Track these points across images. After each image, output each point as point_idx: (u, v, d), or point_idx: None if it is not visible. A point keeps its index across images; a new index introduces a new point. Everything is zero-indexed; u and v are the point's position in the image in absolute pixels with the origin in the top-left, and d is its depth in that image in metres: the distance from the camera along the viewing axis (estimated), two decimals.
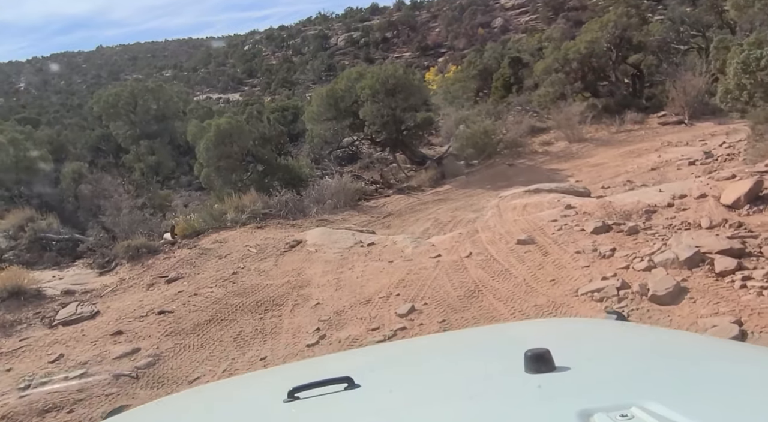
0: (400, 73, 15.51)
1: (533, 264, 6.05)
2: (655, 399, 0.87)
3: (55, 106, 59.67)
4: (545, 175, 14.59)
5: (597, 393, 1.00)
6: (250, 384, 1.82)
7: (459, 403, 1.06)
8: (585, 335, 1.62)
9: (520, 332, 1.92)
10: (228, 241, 8.77)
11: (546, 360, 1.09)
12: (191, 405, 1.64)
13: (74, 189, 14.67)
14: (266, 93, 55.22)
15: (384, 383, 1.33)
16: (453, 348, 1.73)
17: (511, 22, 67.67)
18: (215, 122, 12.75)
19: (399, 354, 1.84)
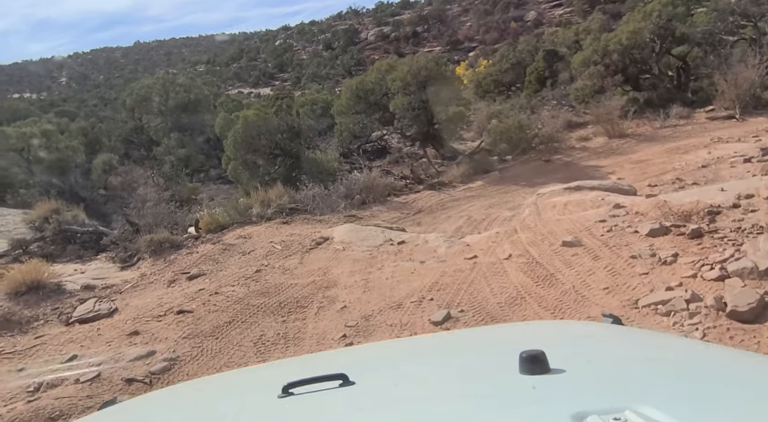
0: (432, 64, 14.90)
1: (582, 269, 5.43)
2: (649, 403, 0.86)
3: (93, 99, 61.04)
4: (584, 172, 13.78)
5: (591, 395, 0.99)
6: (245, 379, 1.82)
7: (453, 403, 1.05)
8: (581, 338, 1.60)
9: (515, 333, 1.91)
10: (252, 237, 8.39)
11: (541, 361, 1.08)
12: (184, 399, 1.62)
13: (104, 181, 14.60)
14: (296, 87, 55.19)
15: (379, 381, 1.32)
16: (448, 347, 1.72)
17: (544, 15, 65.94)
18: (243, 114, 12.41)
19: (394, 352, 1.83)
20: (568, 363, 1.12)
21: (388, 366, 1.53)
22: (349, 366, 1.28)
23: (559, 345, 1.46)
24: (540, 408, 0.96)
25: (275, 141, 13.16)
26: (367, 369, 1.46)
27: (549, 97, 23.48)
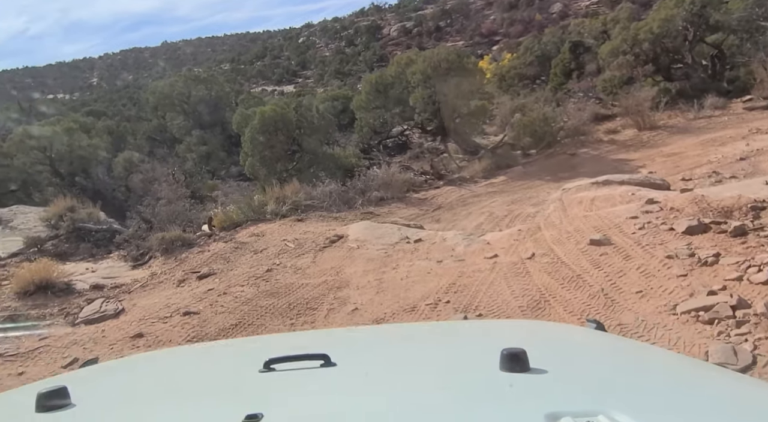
0: (453, 57, 14.43)
1: (612, 270, 4.97)
2: (623, 410, 0.86)
3: (123, 99, 62.19)
4: (612, 166, 13.14)
5: (567, 397, 0.99)
6: (227, 351, 1.83)
7: (432, 393, 1.06)
8: (563, 340, 1.62)
9: (498, 330, 1.92)
10: (265, 235, 8.13)
11: (521, 360, 1.09)
12: (167, 364, 1.63)
13: (126, 178, 14.60)
14: (319, 84, 55.09)
15: (360, 365, 1.33)
16: (432, 338, 1.73)
17: (570, 7, 64.32)
18: (260, 109, 12.19)
19: (378, 338, 1.82)
20: (548, 364, 1.13)
21: (371, 351, 1.53)
22: (331, 347, 1.27)
23: (541, 345, 1.46)
24: (516, 405, 0.97)
25: (293, 137, 12.91)
26: (349, 351, 1.46)
27: (575, 89, 22.70)
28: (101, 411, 1.15)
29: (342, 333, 2.57)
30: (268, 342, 2.15)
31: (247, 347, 1.90)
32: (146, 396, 1.26)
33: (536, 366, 1.10)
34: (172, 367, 1.56)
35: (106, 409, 1.16)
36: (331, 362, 1.21)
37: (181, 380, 1.38)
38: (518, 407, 0.96)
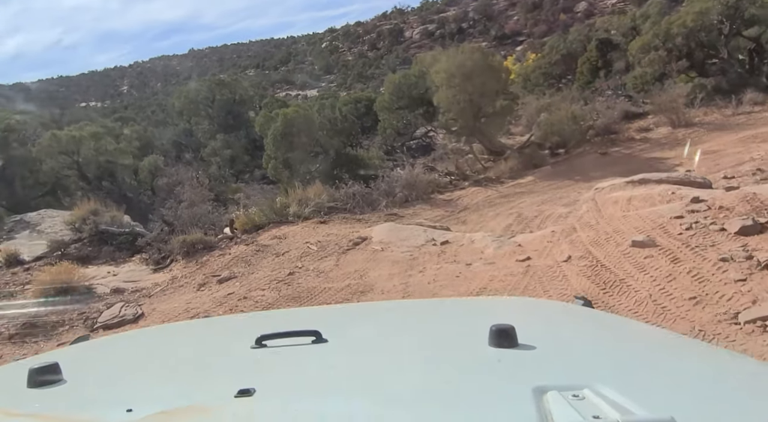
0: (477, 55, 14.03)
1: (659, 274, 4.55)
2: (608, 383, 0.88)
3: (152, 106, 63.42)
4: (647, 164, 12.55)
5: (554, 372, 1.01)
6: (219, 327, 1.83)
7: (421, 368, 1.07)
8: (551, 317, 1.64)
9: (488, 307, 1.94)
10: (288, 237, 7.90)
11: (510, 336, 1.10)
12: (159, 340, 1.64)
13: (151, 182, 14.62)
14: (342, 88, 55.17)
15: (351, 341, 1.34)
16: (422, 314, 1.75)
17: (596, 5, 63.11)
18: (282, 111, 12.03)
19: (368, 314, 1.85)
20: (536, 340, 1.13)
21: (361, 327, 1.53)
22: (323, 324, 1.28)
23: (530, 322, 1.48)
24: (504, 380, 0.99)
25: (315, 138, 12.71)
26: (340, 328, 1.47)
27: (604, 87, 22.04)
28: (93, 387, 1.14)
29: (333, 309, 2.62)
30: (260, 318, 2.18)
31: (239, 323, 1.90)
32: (138, 372, 1.25)
33: (524, 342, 1.11)
34: (164, 343, 1.56)
35: (98, 385, 1.15)
36: (322, 338, 1.21)
37: (173, 356, 1.39)
38: (506, 381, 0.98)
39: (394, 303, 3.15)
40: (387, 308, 2.23)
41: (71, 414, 0.97)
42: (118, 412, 0.89)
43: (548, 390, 0.86)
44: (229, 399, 0.90)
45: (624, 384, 0.91)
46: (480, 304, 2.19)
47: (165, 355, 1.41)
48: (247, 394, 0.91)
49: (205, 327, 1.92)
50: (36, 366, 1.09)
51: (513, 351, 1.08)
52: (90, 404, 1.03)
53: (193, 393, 1.02)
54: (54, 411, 0.97)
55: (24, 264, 7.73)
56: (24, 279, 6.75)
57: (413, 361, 1.12)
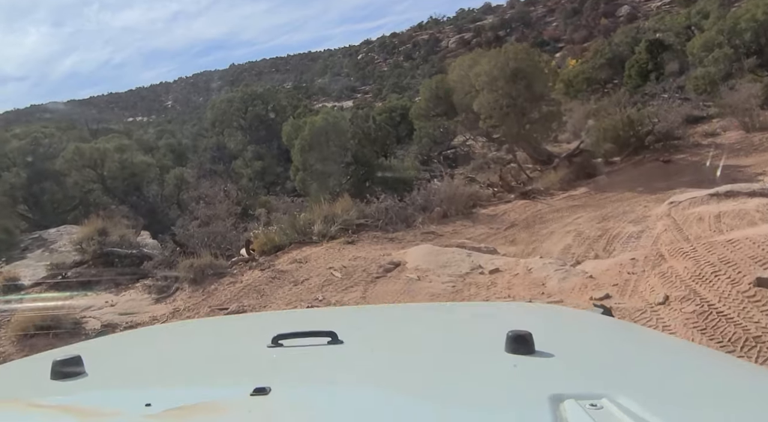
0: (522, 55, 12.69)
1: None
2: (627, 394, 0.85)
3: (193, 120, 64.52)
4: (722, 174, 10.85)
5: (572, 380, 0.99)
6: (236, 326, 1.84)
7: (436, 372, 1.06)
8: (569, 324, 1.60)
9: (505, 312, 1.92)
10: (309, 261, 6.79)
11: (527, 342, 1.08)
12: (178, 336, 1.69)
13: (177, 195, 13.89)
14: (378, 99, 54.49)
15: (367, 342, 1.33)
16: (439, 318, 1.74)
17: (639, 8, 60.44)
18: (310, 119, 11.04)
19: (385, 317, 1.82)
20: (553, 347, 1.11)
21: (377, 329, 1.52)
22: (338, 325, 1.27)
23: (547, 328, 1.44)
24: (520, 386, 0.97)
25: (346, 148, 11.64)
26: (356, 329, 1.44)
27: (658, 90, 20.24)
28: (113, 381, 1.16)
29: (350, 311, 2.61)
30: (276, 318, 2.25)
31: (256, 323, 1.94)
32: (157, 367, 1.27)
33: (542, 348, 1.08)
34: (183, 340, 1.60)
35: (118, 379, 1.17)
36: (338, 339, 1.20)
37: (191, 353, 1.41)
38: (522, 388, 0.95)
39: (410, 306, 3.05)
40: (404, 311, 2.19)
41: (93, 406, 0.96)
42: (137, 406, 0.89)
43: (565, 399, 0.83)
44: (245, 396, 0.89)
45: (644, 394, 0.88)
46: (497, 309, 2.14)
47: (183, 351, 1.43)
48: (263, 392, 0.90)
49: (223, 324, 1.96)
50: (59, 359, 1.10)
51: (530, 358, 1.05)
52: (111, 397, 1.04)
53: (210, 389, 1.03)
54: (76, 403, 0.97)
55: (23, 290, 6.91)
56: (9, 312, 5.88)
57: (429, 365, 1.11)
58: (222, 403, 0.90)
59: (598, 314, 1.63)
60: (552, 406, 0.81)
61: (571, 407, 0.80)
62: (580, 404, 0.81)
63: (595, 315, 1.63)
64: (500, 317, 1.72)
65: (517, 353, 1.06)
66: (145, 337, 1.75)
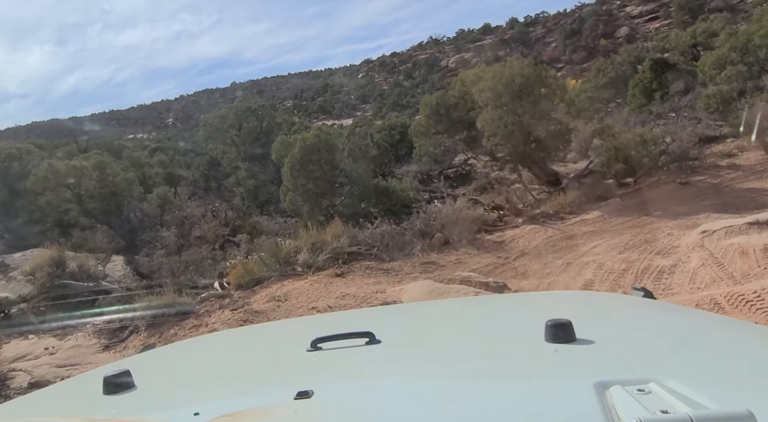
0: (528, 70, 11.87)
1: None
2: (676, 377, 0.82)
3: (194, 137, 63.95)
4: (746, 198, 9.94)
5: (616, 366, 0.96)
6: (275, 332, 1.90)
7: (476, 366, 1.05)
8: (609, 309, 1.56)
9: (542, 302, 1.86)
10: (290, 298, 5.78)
11: (567, 330, 1.05)
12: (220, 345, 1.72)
13: (160, 215, 12.89)
14: (377, 117, 53.96)
15: (404, 340, 1.33)
16: (475, 312, 1.71)
17: (638, 30, 60.37)
18: (301, 136, 10.13)
19: (421, 314, 1.82)
20: (594, 334, 1.08)
21: (414, 327, 1.53)
22: (375, 325, 1.27)
23: (587, 315, 1.41)
24: (563, 375, 0.95)
25: (340, 167, 10.71)
26: (393, 329, 1.45)
27: (664, 109, 19.52)
28: (162, 392, 1.18)
29: (385, 310, 2.61)
30: (314, 322, 2.17)
31: (294, 327, 1.94)
32: (202, 376, 1.30)
33: (583, 336, 1.05)
34: (225, 349, 1.63)
35: (166, 390, 1.21)
36: (375, 339, 1.20)
37: (233, 361, 1.42)
38: (565, 377, 0.93)
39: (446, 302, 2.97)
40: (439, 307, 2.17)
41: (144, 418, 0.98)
42: (186, 416, 0.90)
43: (611, 385, 0.81)
44: (289, 401, 0.90)
45: (693, 377, 0.85)
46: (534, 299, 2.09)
47: (226, 360, 1.44)
48: (306, 396, 0.91)
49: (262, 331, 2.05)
50: (110, 374, 1.13)
51: (571, 346, 1.02)
52: (160, 408, 1.06)
53: (254, 396, 1.05)
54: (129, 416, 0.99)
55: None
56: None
57: (467, 359, 1.09)
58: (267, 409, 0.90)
59: (639, 297, 1.55)
60: (598, 393, 0.78)
61: (618, 393, 0.78)
62: (627, 390, 0.78)
63: (636, 299, 1.57)
64: (538, 307, 1.69)
65: (557, 342, 1.03)
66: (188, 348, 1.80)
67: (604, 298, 2.01)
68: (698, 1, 54.76)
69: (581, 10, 64.13)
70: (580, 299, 1.93)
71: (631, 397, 0.76)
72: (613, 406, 0.74)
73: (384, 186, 10.60)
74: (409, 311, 2.04)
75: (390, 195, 10.33)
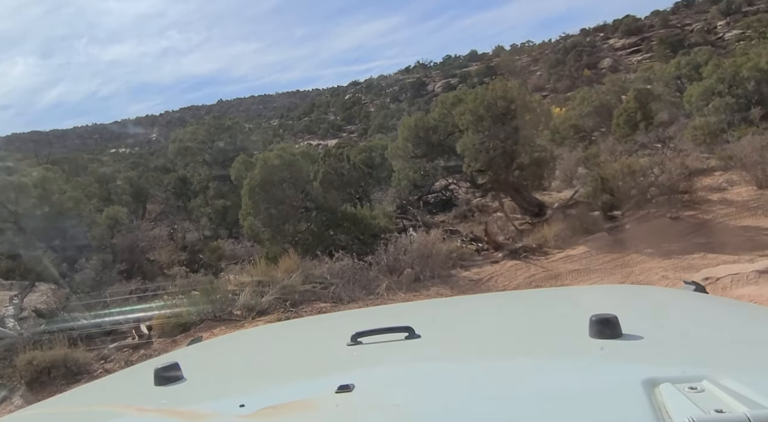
0: (513, 93, 11.12)
1: None
2: (731, 374, 0.78)
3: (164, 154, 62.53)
4: (743, 236, 9.16)
5: (666, 363, 0.91)
6: (316, 326, 1.93)
7: (518, 360, 1.04)
8: (658, 304, 1.51)
9: (587, 296, 1.79)
10: None
11: (613, 325, 1.02)
12: (263, 339, 1.76)
13: (110, 238, 11.69)
14: (363, 138, 53.41)
15: (444, 335, 1.32)
16: (517, 307, 1.68)
17: (620, 62, 61.37)
18: (263, 156, 9.15)
19: (462, 308, 1.80)
20: (642, 329, 1.04)
21: (454, 322, 1.52)
22: (415, 320, 1.27)
23: (634, 310, 1.38)
24: (609, 371, 0.92)
25: (305, 191, 9.72)
26: (433, 323, 1.45)
27: (650, 139, 19.13)
28: (209, 384, 1.21)
29: (425, 304, 2.62)
30: (354, 316, 2.18)
31: (334, 322, 1.95)
32: (246, 369, 1.33)
33: (629, 331, 1.02)
34: (268, 343, 1.65)
35: (213, 382, 1.23)
36: (415, 334, 1.20)
37: (276, 354, 1.47)
38: (612, 374, 0.90)
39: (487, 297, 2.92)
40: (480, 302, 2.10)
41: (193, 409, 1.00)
42: (232, 407, 0.92)
43: (661, 383, 0.78)
44: (331, 394, 0.90)
45: (750, 374, 0.80)
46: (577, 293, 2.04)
47: (269, 353, 1.48)
48: (347, 390, 0.90)
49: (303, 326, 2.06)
50: (160, 366, 1.18)
51: (617, 342, 0.99)
52: (208, 400, 1.09)
53: (297, 388, 1.05)
54: (178, 407, 1.02)
55: None
56: None
57: (508, 355, 1.08)
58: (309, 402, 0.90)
59: (690, 292, 1.48)
60: (646, 391, 0.75)
61: (668, 391, 0.75)
62: (678, 387, 0.75)
63: (686, 293, 1.50)
64: (581, 301, 1.64)
65: (602, 337, 1.00)
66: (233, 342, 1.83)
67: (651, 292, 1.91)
68: (678, 37, 56.02)
69: (566, 41, 65.08)
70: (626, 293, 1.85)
71: (683, 395, 0.73)
72: (663, 405, 0.71)
73: (352, 213, 9.61)
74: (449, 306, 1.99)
75: (359, 223, 9.33)
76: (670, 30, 59.26)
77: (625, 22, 63.78)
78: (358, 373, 1.05)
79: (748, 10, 54.45)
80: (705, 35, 52.60)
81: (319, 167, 13.17)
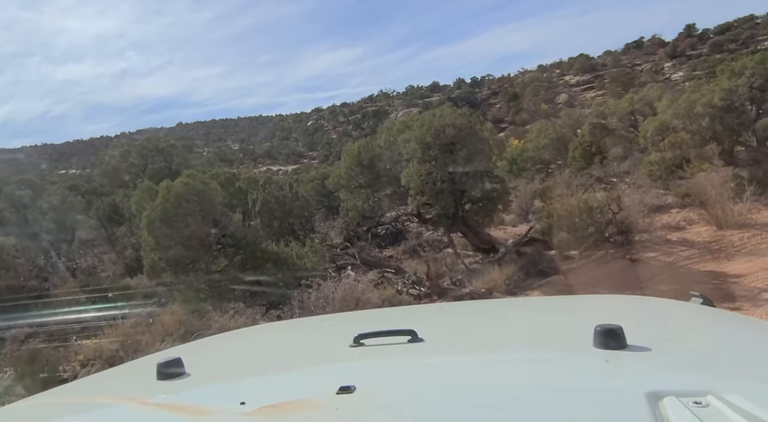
0: (461, 121, 10.07)
1: None
2: (736, 390, 0.76)
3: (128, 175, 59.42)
4: (710, 284, 8.19)
5: (670, 376, 0.90)
6: (319, 326, 1.90)
7: (520, 369, 1.02)
8: (664, 316, 1.49)
9: (592, 306, 1.77)
10: None
11: (617, 336, 1.00)
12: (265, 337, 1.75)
13: None
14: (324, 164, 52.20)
15: (447, 340, 1.30)
16: (521, 314, 1.65)
17: (576, 98, 63.04)
18: (165, 184, 7.62)
19: (465, 314, 1.79)
20: (647, 341, 1.02)
21: (457, 327, 1.51)
22: (418, 324, 1.25)
23: (639, 321, 1.35)
24: (612, 383, 0.90)
25: (221, 225, 8.21)
26: (436, 328, 1.44)
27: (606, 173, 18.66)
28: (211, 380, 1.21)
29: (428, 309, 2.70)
30: (357, 318, 2.17)
31: (338, 323, 1.92)
32: (248, 366, 1.32)
33: (634, 343, 1.00)
34: (271, 340, 1.66)
35: (215, 378, 1.23)
36: (418, 337, 1.19)
37: (279, 353, 1.46)
38: (615, 385, 0.88)
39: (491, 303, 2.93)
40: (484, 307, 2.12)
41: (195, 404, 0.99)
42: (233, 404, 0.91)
43: (664, 396, 0.76)
44: (332, 395, 0.89)
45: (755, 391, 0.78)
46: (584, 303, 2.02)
47: (272, 352, 1.48)
48: (348, 391, 0.90)
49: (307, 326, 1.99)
50: (162, 361, 1.17)
51: (622, 353, 0.97)
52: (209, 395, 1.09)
53: (298, 388, 1.03)
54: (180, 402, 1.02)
55: None
56: None
57: (511, 362, 1.07)
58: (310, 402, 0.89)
59: (697, 304, 1.46)
60: (650, 404, 0.74)
61: (672, 405, 0.74)
62: (683, 401, 0.74)
63: (693, 306, 1.47)
64: (587, 311, 1.61)
65: (606, 348, 0.98)
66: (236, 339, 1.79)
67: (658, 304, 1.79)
68: (629, 76, 58.14)
69: (524, 76, 66.53)
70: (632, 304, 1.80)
71: (687, 409, 0.72)
72: (667, 418, 0.71)
73: (273, 251, 8.15)
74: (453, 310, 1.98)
75: (282, 263, 7.87)
76: (621, 69, 61.45)
77: (579, 60, 65.88)
78: (360, 375, 1.03)
79: (692, 54, 57.19)
80: (653, 75, 54.57)
81: (258, 196, 11.72)
